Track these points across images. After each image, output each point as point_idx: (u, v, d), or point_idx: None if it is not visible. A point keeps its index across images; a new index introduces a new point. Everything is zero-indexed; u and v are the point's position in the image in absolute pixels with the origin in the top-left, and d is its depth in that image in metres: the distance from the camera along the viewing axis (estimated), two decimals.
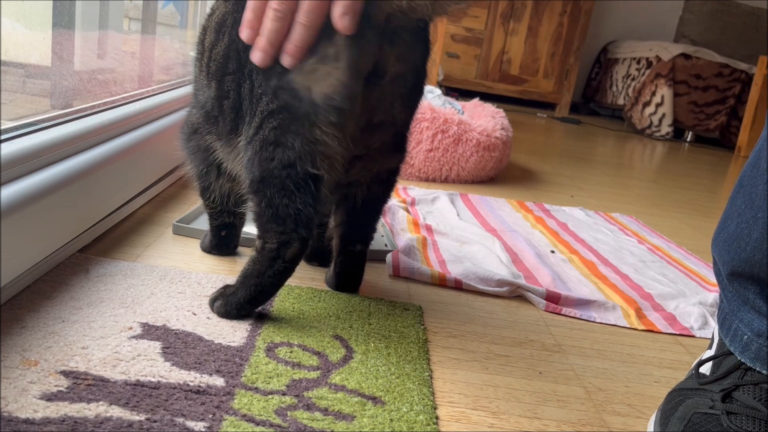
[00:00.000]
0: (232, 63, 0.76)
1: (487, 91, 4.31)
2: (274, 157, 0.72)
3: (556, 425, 0.69)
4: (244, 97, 0.75)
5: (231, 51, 0.76)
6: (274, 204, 0.73)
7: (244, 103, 0.76)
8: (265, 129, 0.72)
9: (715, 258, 0.71)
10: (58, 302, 0.76)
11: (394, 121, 0.80)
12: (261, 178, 0.73)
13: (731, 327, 0.65)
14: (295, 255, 0.75)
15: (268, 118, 0.72)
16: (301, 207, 0.73)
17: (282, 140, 0.72)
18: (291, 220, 0.73)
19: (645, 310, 1.05)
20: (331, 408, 0.64)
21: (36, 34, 1.16)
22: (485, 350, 0.83)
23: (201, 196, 0.95)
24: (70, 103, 1.22)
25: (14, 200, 0.73)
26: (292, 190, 0.73)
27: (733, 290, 0.66)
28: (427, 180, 1.77)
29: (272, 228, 0.74)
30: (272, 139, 0.72)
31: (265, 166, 0.73)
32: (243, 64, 0.75)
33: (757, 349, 0.62)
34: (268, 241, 0.75)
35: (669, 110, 4.08)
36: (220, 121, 0.80)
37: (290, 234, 0.74)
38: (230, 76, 0.77)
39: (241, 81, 0.76)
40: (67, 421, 0.55)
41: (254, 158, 0.74)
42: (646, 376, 0.84)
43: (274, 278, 0.76)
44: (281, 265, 0.76)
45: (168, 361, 0.67)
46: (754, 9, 4.69)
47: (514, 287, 1.03)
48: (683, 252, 1.43)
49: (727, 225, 0.67)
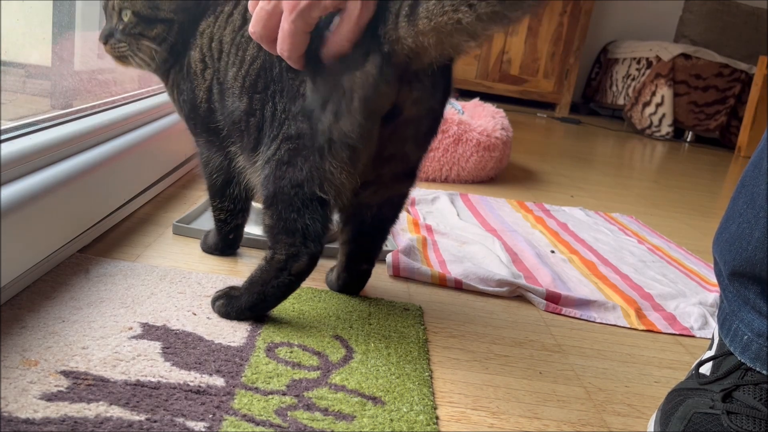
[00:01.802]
0: (262, 82, 0.78)
1: (487, 91, 4.31)
2: (285, 176, 0.75)
3: (556, 425, 0.69)
4: (266, 118, 0.77)
5: (263, 70, 0.77)
6: (283, 218, 0.75)
7: (266, 125, 0.77)
8: (282, 149, 0.75)
9: (716, 258, 0.71)
10: (58, 302, 0.76)
11: (406, 158, 0.80)
12: (273, 194, 0.76)
13: (731, 327, 0.65)
14: (302, 270, 0.77)
15: (285, 141, 0.75)
16: (309, 222, 0.75)
17: (294, 161, 0.74)
18: (300, 234, 0.75)
19: (645, 310, 1.05)
20: (331, 408, 0.64)
21: (36, 34, 1.16)
22: (485, 350, 0.83)
23: (212, 199, 0.95)
24: (70, 103, 1.22)
25: (14, 200, 0.73)
26: (300, 207, 0.75)
27: (734, 290, 0.66)
28: (427, 180, 1.77)
29: (282, 239, 0.76)
30: (285, 159, 0.75)
31: (277, 183, 0.75)
32: (268, 85, 0.77)
33: (758, 349, 0.62)
34: (278, 252, 0.76)
35: (669, 110, 4.08)
36: (245, 137, 0.81)
37: (299, 247, 0.75)
38: (258, 94, 0.78)
39: (265, 102, 0.77)
40: (67, 421, 0.55)
41: (270, 176, 0.76)
42: (646, 376, 0.84)
43: (278, 289, 0.77)
44: (287, 278, 0.77)
45: (168, 361, 0.67)
46: (754, 9, 4.69)
47: (514, 287, 1.03)
48: (683, 252, 1.43)
49: (728, 225, 0.67)
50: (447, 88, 0.77)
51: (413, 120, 0.74)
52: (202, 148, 0.92)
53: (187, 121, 0.92)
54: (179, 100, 0.91)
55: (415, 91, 0.71)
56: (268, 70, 0.77)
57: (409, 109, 0.73)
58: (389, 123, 0.73)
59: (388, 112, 0.71)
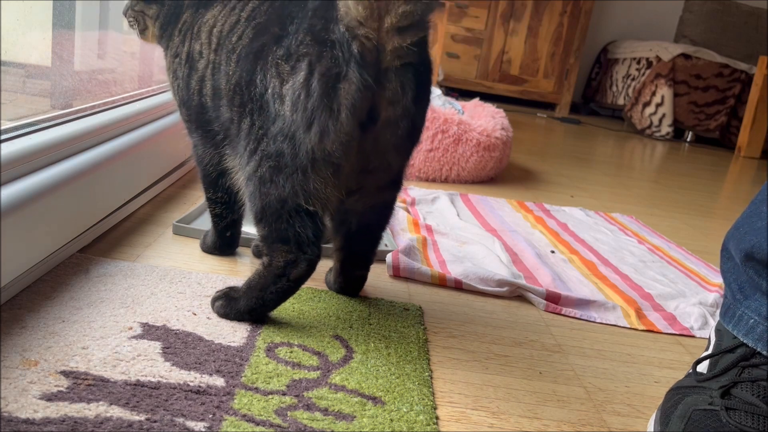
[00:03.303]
0: (238, 98, 0.78)
1: (487, 91, 4.31)
2: (270, 192, 0.76)
3: (556, 425, 0.69)
4: (243, 131, 0.78)
5: (239, 87, 0.78)
6: (275, 228, 0.76)
7: (242, 136, 0.78)
8: (263, 167, 0.76)
9: (727, 247, 0.71)
10: (58, 302, 0.76)
11: (388, 166, 0.80)
12: (262, 209, 0.77)
13: (735, 314, 0.66)
14: (301, 276, 0.77)
15: (266, 159, 0.75)
16: (301, 231, 0.76)
17: (276, 179, 0.75)
18: (294, 242, 0.76)
19: (645, 310, 1.05)
20: (331, 408, 0.64)
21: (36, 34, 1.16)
22: (485, 350, 0.83)
23: (206, 191, 0.96)
24: (70, 103, 1.22)
25: (14, 200, 0.73)
26: (289, 219, 0.76)
27: (747, 276, 0.66)
28: (427, 180, 1.77)
29: (278, 247, 0.77)
30: (268, 177, 0.75)
31: (264, 200, 0.76)
32: (245, 102, 0.77)
33: (762, 331, 0.63)
34: (275, 259, 0.77)
35: (669, 110, 4.07)
36: (233, 144, 0.82)
37: (297, 254, 0.76)
38: (236, 108, 0.79)
39: (242, 116, 0.78)
40: (67, 421, 0.55)
41: (255, 193, 0.77)
42: (646, 376, 0.84)
43: (276, 295, 0.78)
44: (285, 284, 0.77)
45: (168, 361, 0.67)
46: (754, 9, 4.68)
47: (514, 287, 1.03)
48: (683, 252, 1.43)
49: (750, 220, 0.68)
50: (421, 89, 0.75)
51: (391, 123, 0.74)
52: (196, 141, 0.92)
53: (180, 109, 0.94)
54: (174, 85, 0.93)
55: (388, 91, 0.71)
56: (245, 88, 0.77)
57: (385, 111, 0.72)
58: (368, 130, 0.73)
59: (366, 118, 0.72)
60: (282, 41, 0.74)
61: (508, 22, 4.31)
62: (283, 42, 0.74)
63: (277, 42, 0.74)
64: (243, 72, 0.77)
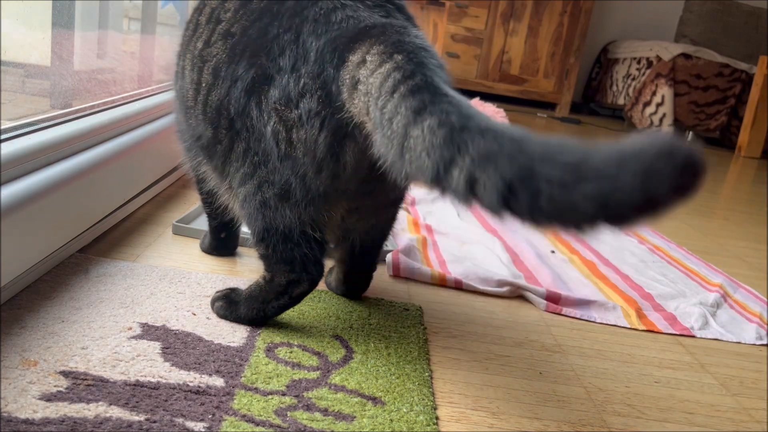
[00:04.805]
0: (224, 120, 0.74)
1: (487, 90, 4.31)
2: (276, 217, 0.74)
3: (556, 425, 0.69)
4: (236, 153, 0.75)
5: (223, 106, 0.74)
6: (278, 250, 0.75)
7: (232, 159, 0.75)
8: (266, 193, 0.73)
9: None
10: (58, 302, 0.76)
11: (386, 194, 0.80)
12: (265, 230, 0.75)
13: None
14: (303, 293, 0.77)
15: (268, 185, 0.73)
16: (307, 251, 0.75)
17: (281, 207, 0.73)
18: (298, 262, 0.75)
19: (645, 310, 1.05)
20: (331, 408, 0.64)
21: (36, 34, 1.16)
22: (485, 350, 0.83)
23: (199, 193, 0.95)
24: (70, 103, 1.22)
25: (14, 200, 0.73)
26: (294, 241, 0.74)
27: None
28: None
29: (281, 268, 0.76)
30: (272, 204, 0.73)
31: (267, 222, 0.74)
32: (238, 129, 0.73)
33: None
34: (277, 277, 0.76)
35: (669, 110, 4.07)
36: (214, 159, 0.79)
37: (300, 274, 0.76)
38: (224, 130, 0.75)
39: (234, 139, 0.74)
40: (67, 421, 0.55)
41: (255, 215, 0.75)
42: (646, 376, 0.84)
43: (276, 309, 0.78)
44: (286, 300, 0.77)
45: (168, 361, 0.67)
46: (754, 9, 4.68)
47: (514, 287, 1.03)
48: (683, 252, 1.43)
49: None
50: None
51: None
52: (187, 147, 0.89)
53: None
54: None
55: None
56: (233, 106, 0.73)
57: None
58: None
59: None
60: (275, 80, 0.70)
61: (508, 21, 4.31)
62: (275, 81, 0.69)
63: (268, 80, 0.70)
64: (231, 99, 0.73)
